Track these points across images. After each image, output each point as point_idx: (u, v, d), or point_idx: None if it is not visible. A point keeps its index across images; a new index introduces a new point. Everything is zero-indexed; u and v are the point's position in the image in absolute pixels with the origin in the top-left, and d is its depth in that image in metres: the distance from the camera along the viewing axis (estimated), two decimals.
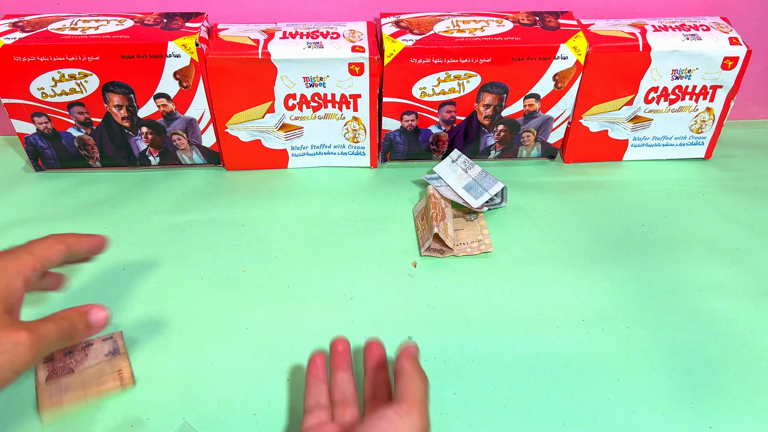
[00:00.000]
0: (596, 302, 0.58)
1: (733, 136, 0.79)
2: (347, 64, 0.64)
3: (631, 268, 0.61)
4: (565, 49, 0.64)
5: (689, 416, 0.49)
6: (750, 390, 0.51)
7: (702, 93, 0.69)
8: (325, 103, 0.67)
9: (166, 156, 0.72)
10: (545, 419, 0.49)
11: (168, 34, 0.63)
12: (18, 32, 0.63)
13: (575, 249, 0.63)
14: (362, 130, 0.70)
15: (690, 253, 0.63)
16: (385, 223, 0.66)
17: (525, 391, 0.51)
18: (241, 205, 0.68)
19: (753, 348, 0.54)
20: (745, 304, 0.58)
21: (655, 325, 0.56)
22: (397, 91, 0.67)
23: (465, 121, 0.70)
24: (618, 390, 0.51)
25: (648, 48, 0.65)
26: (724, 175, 0.73)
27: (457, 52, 0.64)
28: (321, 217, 0.67)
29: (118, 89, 0.65)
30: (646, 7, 0.72)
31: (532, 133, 0.71)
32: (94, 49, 0.62)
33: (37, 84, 0.64)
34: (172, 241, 0.64)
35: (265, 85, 0.65)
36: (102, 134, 0.69)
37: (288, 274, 0.61)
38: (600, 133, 0.72)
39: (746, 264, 0.62)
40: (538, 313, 0.57)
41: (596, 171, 0.73)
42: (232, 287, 0.59)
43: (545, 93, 0.67)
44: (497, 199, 0.67)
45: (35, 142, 0.70)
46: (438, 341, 0.55)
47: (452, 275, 0.61)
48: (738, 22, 0.73)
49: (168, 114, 0.68)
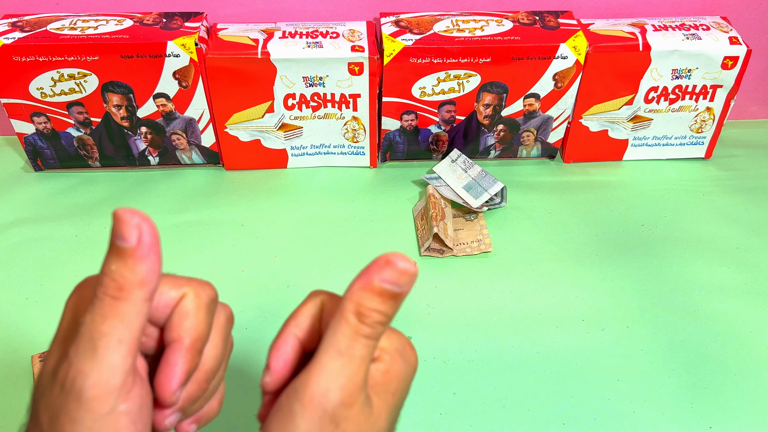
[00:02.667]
0: (596, 302, 0.58)
1: (733, 135, 0.79)
2: (347, 63, 0.64)
3: (630, 268, 0.61)
4: (565, 49, 0.64)
5: (689, 416, 0.49)
6: (750, 390, 0.51)
7: (702, 93, 0.69)
8: (325, 102, 0.67)
9: (165, 156, 0.72)
10: (545, 419, 0.49)
11: (167, 33, 0.63)
12: (17, 32, 0.63)
13: (575, 249, 0.63)
14: (362, 130, 0.70)
15: (690, 252, 0.63)
16: (385, 223, 0.66)
17: (525, 391, 0.51)
18: (241, 205, 0.68)
19: (753, 348, 0.54)
20: (744, 304, 0.58)
21: (655, 325, 0.56)
22: (396, 91, 0.67)
23: (465, 121, 0.70)
24: (618, 390, 0.51)
25: (648, 47, 0.65)
26: (724, 174, 0.73)
27: (457, 52, 0.64)
28: (320, 217, 0.67)
29: (118, 89, 0.65)
30: (646, 7, 0.72)
31: (531, 132, 0.71)
32: (94, 49, 0.62)
33: (36, 84, 0.64)
34: (171, 241, 0.64)
35: (264, 84, 0.65)
36: (101, 134, 0.69)
37: (288, 274, 0.61)
38: (600, 132, 0.72)
39: (746, 264, 0.62)
40: (537, 313, 0.57)
41: (596, 171, 0.73)
42: (232, 287, 0.59)
43: (545, 93, 0.67)
44: (497, 199, 0.67)
45: (34, 142, 0.70)
46: (438, 341, 0.55)
47: (452, 275, 0.61)
48: (738, 21, 0.73)
49: (167, 114, 0.67)
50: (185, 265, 0.61)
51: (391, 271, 0.26)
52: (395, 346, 0.29)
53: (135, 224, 0.25)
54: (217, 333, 0.30)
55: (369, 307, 0.26)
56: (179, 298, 0.28)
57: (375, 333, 0.27)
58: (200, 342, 0.28)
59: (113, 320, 0.25)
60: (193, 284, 0.29)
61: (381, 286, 0.26)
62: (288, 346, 0.29)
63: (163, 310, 0.28)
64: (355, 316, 0.26)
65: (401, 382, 0.28)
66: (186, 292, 0.28)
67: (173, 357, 0.27)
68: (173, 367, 0.27)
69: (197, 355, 0.28)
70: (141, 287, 0.26)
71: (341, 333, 0.26)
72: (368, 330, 0.27)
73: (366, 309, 0.26)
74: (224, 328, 0.30)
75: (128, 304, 0.25)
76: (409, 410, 0.50)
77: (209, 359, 0.29)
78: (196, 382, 0.29)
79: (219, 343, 0.30)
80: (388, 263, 0.26)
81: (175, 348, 0.27)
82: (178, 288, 0.29)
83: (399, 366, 0.28)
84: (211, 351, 0.29)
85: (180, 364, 0.27)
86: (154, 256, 0.26)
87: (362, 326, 0.26)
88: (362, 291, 0.26)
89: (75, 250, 0.63)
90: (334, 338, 0.26)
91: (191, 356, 0.27)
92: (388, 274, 0.26)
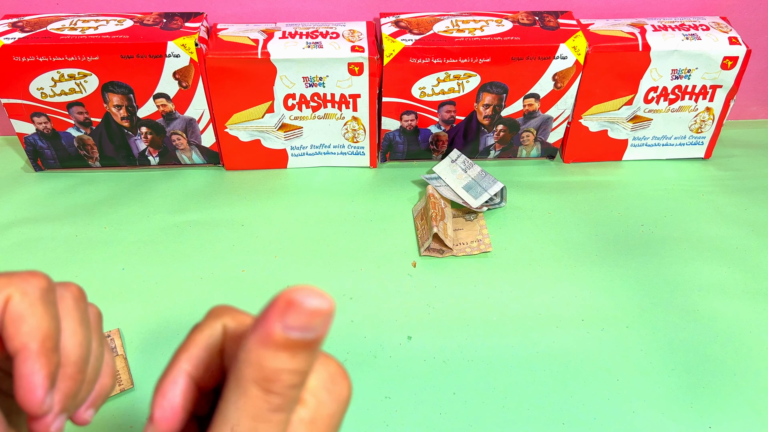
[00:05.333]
0: (596, 302, 0.58)
1: (732, 136, 0.79)
2: (347, 63, 0.64)
3: (630, 268, 0.61)
4: (565, 49, 0.64)
5: (689, 416, 0.49)
6: (749, 390, 0.51)
7: (702, 93, 0.69)
8: (325, 103, 0.67)
9: (165, 156, 0.72)
10: (545, 419, 0.49)
11: (167, 34, 0.63)
12: (17, 32, 0.63)
13: (575, 249, 0.63)
14: (362, 130, 0.70)
15: (689, 252, 0.63)
16: (385, 223, 0.66)
17: (524, 391, 0.51)
18: (241, 205, 0.68)
19: (752, 348, 0.54)
20: (744, 304, 0.58)
21: (655, 325, 0.56)
22: (396, 91, 0.67)
23: (464, 121, 0.70)
24: (617, 390, 0.51)
25: (647, 48, 0.65)
26: (724, 174, 0.73)
27: (457, 52, 0.64)
28: (320, 217, 0.67)
29: (118, 89, 0.65)
30: (646, 7, 0.72)
31: (531, 132, 0.71)
32: (94, 49, 0.62)
33: (36, 84, 0.64)
34: (171, 241, 0.64)
35: (264, 85, 0.65)
36: (101, 134, 0.69)
37: (287, 274, 0.61)
38: (599, 132, 0.72)
39: (746, 264, 0.62)
40: (537, 313, 0.57)
41: (596, 171, 0.73)
42: (232, 287, 0.59)
43: (545, 93, 0.67)
44: (497, 199, 0.67)
45: (35, 142, 0.70)
46: (438, 341, 0.55)
47: (452, 275, 0.61)
48: (738, 21, 0.73)
49: (167, 114, 0.68)
50: (185, 265, 0.61)
51: (297, 315, 0.20)
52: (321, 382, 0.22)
53: None
54: (69, 318, 0.26)
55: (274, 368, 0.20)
56: (4, 303, 0.24)
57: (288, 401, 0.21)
58: (50, 340, 0.25)
59: None
60: (15, 280, 0.25)
61: (286, 337, 0.20)
62: (177, 388, 0.23)
63: None
64: (257, 385, 0.20)
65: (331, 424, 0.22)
66: (10, 294, 0.24)
67: (25, 367, 0.24)
68: (29, 378, 0.24)
69: (52, 354, 0.25)
70: None
71: (240, 412, 0.20)
72: (278, 400, 0.20)
73: (271, 372, 0.20)
74: (75, 310, 0.26)
75: None
76: (409, 410, 0.50)
77: (73, 349, 0.26)
78: (68, 378, 0.26)
79: (77, 328, 0.26)
80: (290, 305, 0.20)
81: (24, 357, 0.24)
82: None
83: (327, 408, 0.22)
84: (71, 339, 0.26)
85: (35, 372, 0.24)
86: None
87: (270, 397, 0.20)
88: (262, 348, 0.20)
89: (75, 250, 0.63)
90: (229, 418, 0.20)
91: (45, 359, 0.24)
92: (293, 319, 0.20)
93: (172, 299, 0.58)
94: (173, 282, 0.60)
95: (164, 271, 0.61)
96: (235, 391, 0.20)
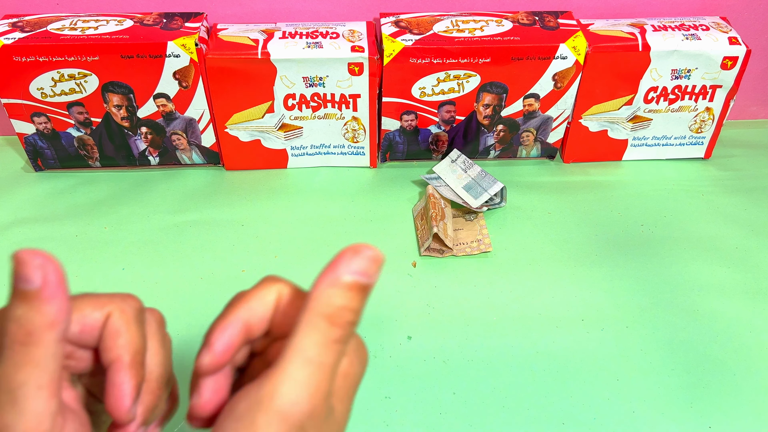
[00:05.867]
0: (596, 302, 0.58)
1: (732, 136, 0.79)
2: (347, 64, 0.64)
3: (630, 268, 0.61)
4: (565, 49, 0.64)
5: (688, 416, 0.49)
6: (749, 390, 0.51)
7: (701, 93, 0.69)
8: (325, 103, 0.67)
9: (165, 156, 0.72)
10: (545, 419, 0.49)
11: (167, 34, 0.63)
12: (17, 32, 0.63)
13: (575, 249, 0.63)
14: (362, 130, 0.70)
15: (689, 253, 0.63)
16: (385, 223, 0.66)
17: (525, 390, 0.51)
18: (241, 205, 0.68)
19: (752, 348, 0.54)
20: (744, 304, 0.58)
21: (655, 325, 0.56)
22: (396, 91, 0.67)
23: (464, 121, 0.70)
24: (617, 390, 0.51)
25: (647, 48, 0.65)
26: (724, 174, 0.73)
27: (457, 52, 0.64)
28: (320, 217, 0.67)
29: (118, 89, 0.65)
30: (646, 7, 0.72)
31: (531, 132, 0.71)
32: (94, 49, 0.62)
33: (36, 84, 0.64)
34: (171, 241, 0.64)
35: (264, 85, 0.65)
36: (101, 134, 0.69)
37: (287, 274, 0.60)
38: (599, 133, 0.72)
39: (745, 264, 0.62)
40: (537, 313, 0.57)
41: (596, 171, 0.73)
42: (232, 287, 0.59)
43: (545, 93, 0.67)
44: (497, 199, 0.67)
45: (35, 142, 0.70)
46: (438, 341, 0.55)
47: (452, 275, 0.61)
48: (738, 22, 0.73)
49: (167, 114, 0.68)
50: (185, 265, 0.61)
51: (360, 260, 0.25)
52: (353, 347, 0.27)
53: (38, 264, 0.24)
54: (153, 339, 0.29)
55: (339, 305, 0.25)
56: (105, 318, 0.28)
57: (346, 335, 0.26)
58: (139, 355, 0.28)
59: (27, 367, 0.24)
60: (116, 301, 0.28)
61: (351, 279, 0.25)
62: (234, 329, 0.28)
63: (90, 332, 0.27)
64: (324, 319, 0.25)
65: (357, 384, 0.28)
66: (111, 311, 0.28)
67: (118, 377, 0.27)
68: (121, 387, 0.27)
69: (140, 368, 0.28)
70: (51, 329, 0.24)
71: (310, 340, 0.25)
72: (339, 333, 0.25)
73: (336, 309, 0.25)
74: (158, 333, 0.30)
75: (40, 349, 0.24)
76: (409, 410, 0.50)
77: (154, 366, 0.29)
78: (150, 392, 0.29)
79: (158, 349, 0.29)
80: (355, 252, 0.25)
81: (117, 368, 0.27)
82: (101, 308, 0.28)
83: (356, 368, 0.27)
84: (153, 358, 0.29)
85: (126, 382, 0.27)
86: (61, 294, 0.25)
87: (333, 329, 0.25)
88: (331, 288, 0.25)
89: (75, 250, 0.63)
90: (301, 345, 0.25)
91: (135, 371, 0.27)
92: (356, 264, 0.25)
93: (172, 299, 0.58)
94: (173, 282, 0.60)
95: (164, 271, 0.61)
96: (307, 324, 0.25)
